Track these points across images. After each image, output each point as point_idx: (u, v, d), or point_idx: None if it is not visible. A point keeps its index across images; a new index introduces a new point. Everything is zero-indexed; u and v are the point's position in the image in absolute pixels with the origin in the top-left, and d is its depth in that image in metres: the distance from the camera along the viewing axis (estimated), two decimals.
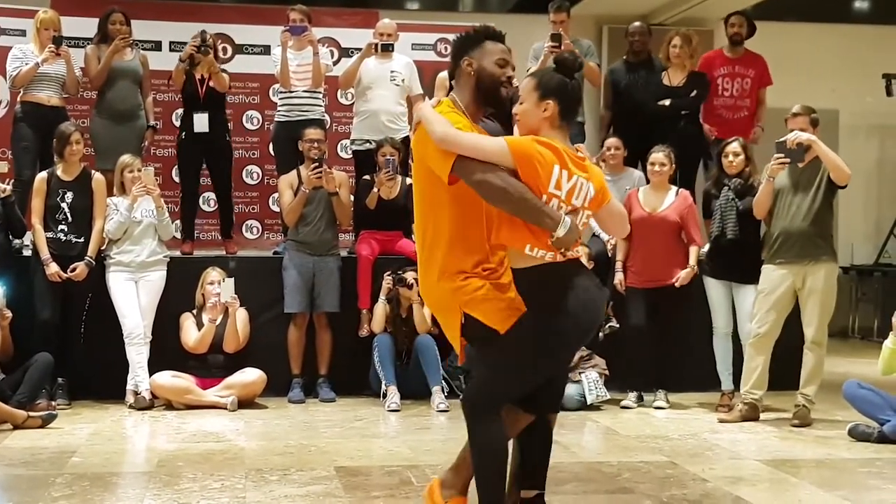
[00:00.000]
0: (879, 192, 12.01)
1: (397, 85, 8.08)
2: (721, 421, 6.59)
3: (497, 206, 3.72)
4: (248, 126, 9.62)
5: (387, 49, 7.99)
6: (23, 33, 8.60)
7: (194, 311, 7.25)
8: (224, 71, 7.99)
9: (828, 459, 5.65)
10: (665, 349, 7.11)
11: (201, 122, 7.81)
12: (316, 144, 7.37)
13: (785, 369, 6.69)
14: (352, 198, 7.74)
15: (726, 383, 7.13)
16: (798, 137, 6.24)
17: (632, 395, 7.16)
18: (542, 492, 4.02)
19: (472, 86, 3.94)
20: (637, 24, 8.59)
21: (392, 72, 8.03)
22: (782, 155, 6.29)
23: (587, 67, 8.26)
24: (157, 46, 9.14)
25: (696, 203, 7.33)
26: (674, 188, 7.27)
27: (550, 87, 3.87)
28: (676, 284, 7.01)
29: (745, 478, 5.20)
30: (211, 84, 7.81)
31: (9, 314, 6.66)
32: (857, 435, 6.05)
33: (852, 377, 6.47)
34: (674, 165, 7.27)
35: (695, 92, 7.99)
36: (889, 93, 11.64)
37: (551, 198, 3.66)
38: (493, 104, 3.95)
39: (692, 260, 7.05)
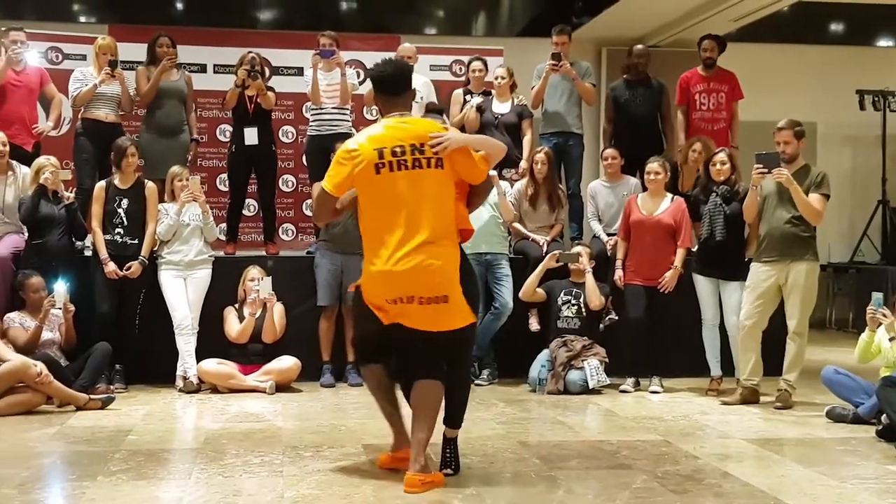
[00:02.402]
0: (853, 197, 11.94)
1: (416, 102, 8.06)
2: (723, 403, 6.55)
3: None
4: (284, 139, 9.63)
5: None
6: (83, 57, 8.66)
7: (236, 306, 7.27)
8: (271, 89, 8.01)
9: (808, 438, 5.63)
10: (659, 339, 7.08)
11: (251, 135, 7.83)
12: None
13: (769, 357, 6.65)
14: None
15: (714, 370, 7.11)
16: (778, 177, 6.23)
17: (629, 381, 7.14)
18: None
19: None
20: (640, 47, 8.54)
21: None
22: (760, 165, 6.30)
23: (583, 87, 8.27)
24: (202, 69, 9.18)
25: None
26: (669, 195, 7.25)
27: None
28: (661, 290, 7.01)
29: (733, 455, 5.18)
30: (258, 101, 7.83)
31: (72, 308, 6.69)
32: (834, 416, 6.02)
33: (830, 364, 6.42)
34: (668, 174, 7.27)
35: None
36: (862, 107, 11.60)
37: None
38: None
39: (678, 261, 7.04)
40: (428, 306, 4.38)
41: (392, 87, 4.60)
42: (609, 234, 7.71)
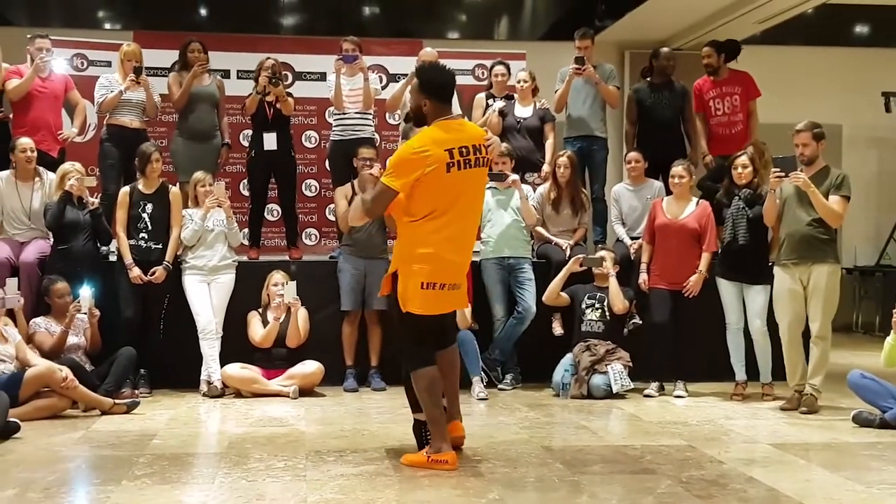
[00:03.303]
0: (879, 199, 11.85)
1: None
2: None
3: None
4: (307, 144, 9.67)
5: None
6: (108, 64, 8.72)
7: (260, 310, 7.29)
8: (290, 94, 8.03)
9: (833, 443, 5.58)
10: (684, 343, 7.06)
11: (270, 140, 7.86)
12: (368, 162, 7.37)
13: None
14: None
15: (739, 374, 7.07)
16: (795, 181, 6.24)
17: (654, 385, 7.11)
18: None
19: None
20: (667, 49, 8.49)
21: None
22: (778, 169, 6.30)
23: (607, 91, 8.25)
24: (226, 74, 9.22)
25: None
26: (694, 198, 7.23)
27: (403, 134, 5.59)
28: (686, 294, 6.98)
29: (758, 460, 5.14)
30: (277, 106, 7.86)
31: (97, 313, 6.75)
32: (861, 421, 5.97)
33: (856, 368, 6.36)
34: (693, 177, 7.25)
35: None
36: (888, 109, 11.53)
37: None
38: None
39: (703, 265, 7.01)
40: (459, 290, 5.03)
41: (448, 93, 5.01)
42: (633, 238, 7.68)
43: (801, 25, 11.07)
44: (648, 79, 8.41)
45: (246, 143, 8.76)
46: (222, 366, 7.06)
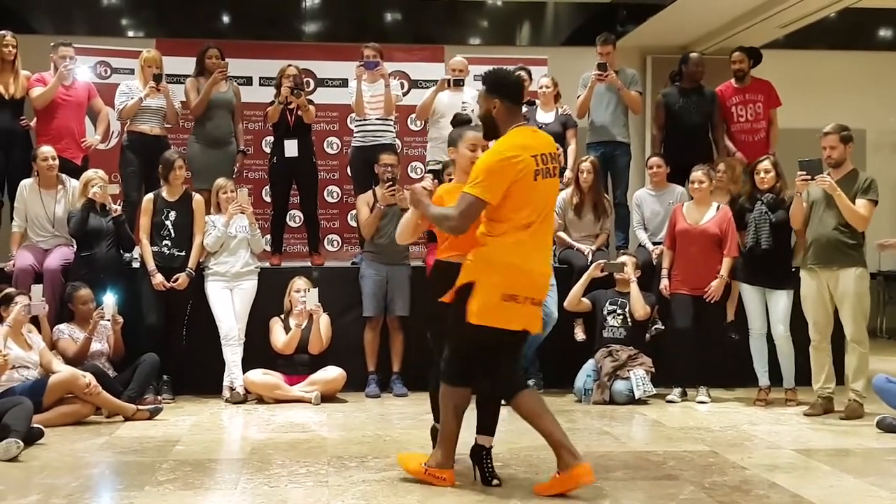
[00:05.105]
0: None
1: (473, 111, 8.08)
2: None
3: None
4: (329, 151, 9.71)
5: (458, 84, 8.01)
6: (131, 72, 8.76)
7: (282, 316, 7.33)
8: (311, 102, 8.07)
9: (857, 449, 5.55)
10: (706, 349, 7.04)
11: (291, 147, 7.89)
12: (390, 168, 7.40)
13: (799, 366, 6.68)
14: None
15: (763, 380, 7.04)
16: (821, 184, 6.23)
17: (676, 391, 7.09)
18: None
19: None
20: (695, 54, 8.45)
21: (463, 102, 7.94)
22: (804, 172, 6.28)
23: (629, 97, 8.23)
24: (248, 81, 9.27)
25: None
26: (715, 203, 7.20)
27: (450, 140, 5.04)
28: (707, 299, 6.96)
29: (781, 466, 5.12)
30: (299, 114, 7.89)
31: (121, 319, 6.80)
32: (885, 426, 5.93)
33: (881, 373, 6.32)
34: (713, 182, 7.23)
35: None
36: None
37: None
38: None
39: (724, 270, 6.98)
40: (537, 307, 4.61)
41: (519, 95, 4.78)
42: (655, 243, 7.67)
43: (825, 29, 11.02)
44: (677, 83, 8.39)
45: (268, 150, 8.82)
46: (245, 372, 7.09)
